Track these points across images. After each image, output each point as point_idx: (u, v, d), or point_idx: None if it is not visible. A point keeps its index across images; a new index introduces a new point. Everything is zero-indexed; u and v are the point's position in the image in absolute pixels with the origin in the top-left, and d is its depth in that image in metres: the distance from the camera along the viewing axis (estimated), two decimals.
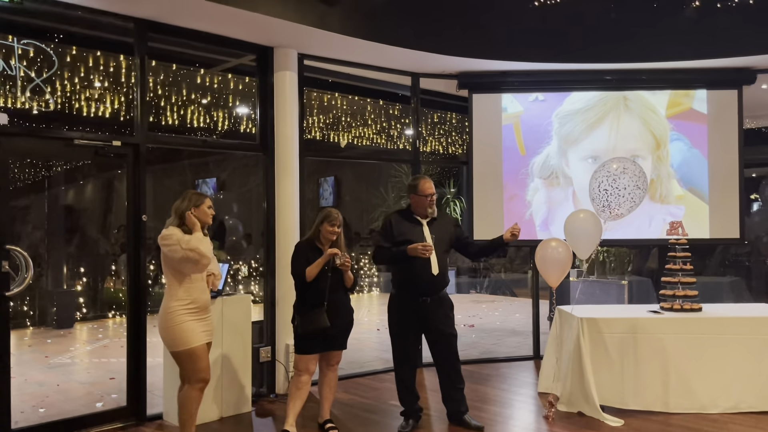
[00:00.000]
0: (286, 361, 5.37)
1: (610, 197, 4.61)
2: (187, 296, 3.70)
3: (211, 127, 8.27)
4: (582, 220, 4.75)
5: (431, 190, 4.29)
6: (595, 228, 4.69)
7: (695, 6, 5.81)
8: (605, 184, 4.61)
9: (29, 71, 4.39)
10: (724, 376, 4.70)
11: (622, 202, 4.57)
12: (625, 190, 4.58)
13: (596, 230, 4.69)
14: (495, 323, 9.26)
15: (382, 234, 4.35)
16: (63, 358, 7.06)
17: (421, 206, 4.30)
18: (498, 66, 6.22)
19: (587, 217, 4.76)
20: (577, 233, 4.75)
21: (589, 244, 4.73)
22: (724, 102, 6.40)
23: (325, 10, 5.07)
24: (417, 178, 4.41)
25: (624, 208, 4.61)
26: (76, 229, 10.41)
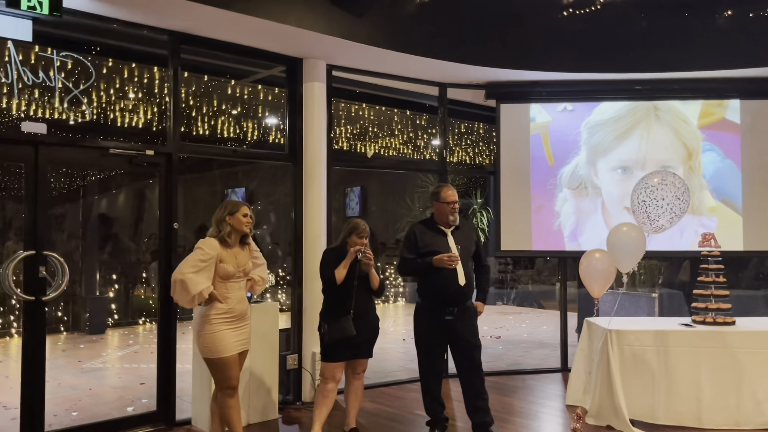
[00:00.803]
0: (313, 369, 5.40)
1: (648, 208, 4.56)
2: (224, 305, 3.73)
3: (241, 137, 8.40)
4: (625, 233, 4.68)
5: (453, 198, 4.27)
6: (639, 241, 4.62)
7: (727, 15, 5.73)
8: (643, 196, 4.56)
9: (67, 82, 4.53)
10: (760, 392, 4.58)
11: (661, 213, 4.51)
12: (663, 200, 4.52)
13: (640, 243, 4.62)
14: (522, 335, 9.17)
15: (406, 245, 4.33)
16: (95, 362, 7.20)
17: (443, 214, 4.28)
18: (526, 76, 6.21)
19: (630, 230, 4.69)
20: (621, 246, 4.67)
21: (633, 257, 4.67)
22: (759, 112, 6.29)
23: (354, 22, 5.13)
24: (440, 186, 4.41)
25: (664, 219, 4.55)
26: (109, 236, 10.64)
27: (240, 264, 3.82)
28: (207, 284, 3.65)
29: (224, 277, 3.74)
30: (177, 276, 3.62)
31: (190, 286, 3.58)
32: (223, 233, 3.77)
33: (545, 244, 6.46)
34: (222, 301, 3.71)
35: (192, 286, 3.59)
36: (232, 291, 3.78)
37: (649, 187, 4.57)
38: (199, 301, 3.66)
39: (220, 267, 3.72)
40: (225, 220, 3.79)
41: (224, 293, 3.74)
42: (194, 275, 3.61)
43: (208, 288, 3.65)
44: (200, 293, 3.61)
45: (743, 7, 5.65)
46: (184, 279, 3.60)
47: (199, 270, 3.63)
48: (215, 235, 3.78)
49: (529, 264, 13.73)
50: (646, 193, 4.57)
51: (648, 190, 4.57)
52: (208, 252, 3.68)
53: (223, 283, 3.75)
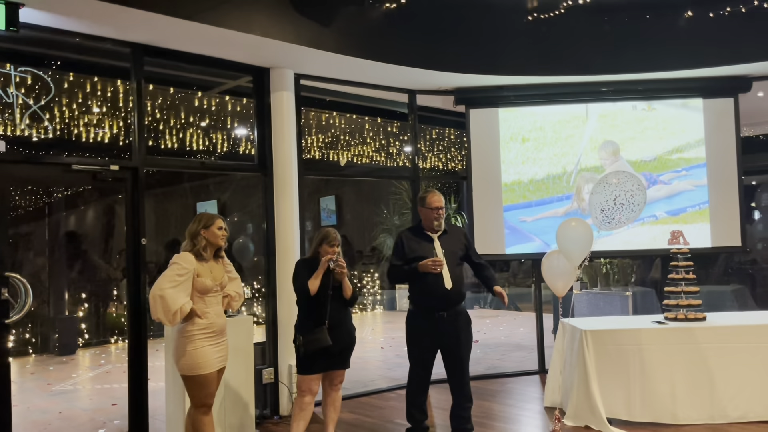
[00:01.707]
0: (290, 382, 5.33)
1: (623, 212, 4.62)
2: (204, 319, 3.66)
3: (210, 149, 8.29)
4: (573, 228, 4.75)
5: (439, 203, 4.28)
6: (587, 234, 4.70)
7: (688, 16, 5.84)
8: (622, 198, 4.63)
9: (27, 98, 4.42)
10: (732, 386, 4.65)
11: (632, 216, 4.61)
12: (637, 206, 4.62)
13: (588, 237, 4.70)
14: (500, 338, 9.20)
15: (394, 252, 4.35)
16: (65, 384, 7.02)
17: (428, 219, 4.30)
18: (493, 81, 6.24)
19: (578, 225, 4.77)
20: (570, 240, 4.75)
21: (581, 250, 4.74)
22: (721, 110, 6.41)
23: (320, 30, 5.11)
24: (426, 191, 4.41)
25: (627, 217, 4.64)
26: (77, 254, 10.40)
27: (216, 278, 3.76)
28: (186, 299, 3.57)
29: (202, 292, 3.67)
30: (156, 292, 3.52)
31: (169, 302, 3.50)
32: (198, 247, 3.70)
33: (519, 247, 6.49)
34: (201, 317, 3.64)
35: (172, 303, 3.50)
36: (211, 306, 3.71)
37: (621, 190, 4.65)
38: (180, 318, 3.57)
39: (198, 281, 3.65)
40: (200, 233, 3.72)
41: (203, 308, 3.67)
42: (173, 291, 3.53)
43: (188, 303, 3.57)
44: (181, 309, 3.53)
45: (703, 8, 5.76)
46: (163, 295, 3.51)
47: (177, 285, 3.55)
48: (190, 249, 3.71)
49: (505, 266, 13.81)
50: (625, 196, 4.64)
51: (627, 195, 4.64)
52: (184, 266, 3.61)
53: (201, 297, 3.68)
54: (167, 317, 3.52)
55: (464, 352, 4.31)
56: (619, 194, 4.60)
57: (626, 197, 4.59)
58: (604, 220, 4.67)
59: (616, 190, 4.60)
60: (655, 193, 6.42)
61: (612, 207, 4.62)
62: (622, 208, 4.61)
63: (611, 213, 4.64)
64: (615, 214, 4.63)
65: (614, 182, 4.64)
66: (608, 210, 4.65)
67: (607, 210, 4.66)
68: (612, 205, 4.62)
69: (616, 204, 4.61)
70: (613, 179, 4.69)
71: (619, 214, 4.62)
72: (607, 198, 4.62)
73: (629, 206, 4.60)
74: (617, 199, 4.60)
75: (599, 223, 4.73)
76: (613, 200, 4.61)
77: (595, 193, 4.69)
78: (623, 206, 4.60)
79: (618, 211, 4.61)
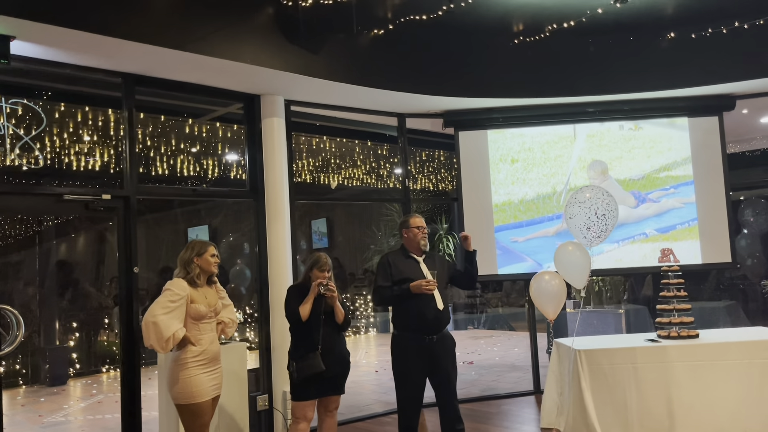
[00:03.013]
0: (284, 409, 5.28)
1: (608, 221, 4.70)
2: (198, 346, 3.64)
3: (201, 175, 8.31)
4: (571, 252, 4.78)
5: (421, 223, 4.32)
6: (585, 258, 4.73)
7: (671, 37, 5.96)
8: (602, 210, 4.69)
9: (18, 129, 4.43)
10: (730, 403, 4.65)
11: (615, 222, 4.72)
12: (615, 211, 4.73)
13: (586, 260, 4.73)
14: (494, 359, 9.17)
15: (380, 273, 4.29)
16: (57, 416, 6.91)
17: (414, 241, 4.29)
18: (481, 103, 6.32)
19: (575, 249, 4.80)
20: (568, 264, 4.77)
21: (582, 273, 4.76)
22: (707, 128, 6.51)
23: (310, 57, 5.17)
24: (407, 216, 4.45)
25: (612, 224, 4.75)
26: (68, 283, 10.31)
27: (210, 303, 3.75)
28: (179, 326, 3.56)
29: (196, 318, 3.66)
30: (149, 318, 3.51)
31: (162, 329, 3.48)
32: (192, 275, 3.71)
33: (511, 267, 6.51)
34: (195, 344, 3.62)
35: (164, 329, 3.49)
36: (205, 332, 3.70)
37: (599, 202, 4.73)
38: (173, 345, 3.55)
39: (192, 307, 3.64)
40: (193, 261, 3.73)
41: (197, 335, 3.66)
42: (165, 317, 3.52)
43: (182, 330, 3.56)
44: (174, 335, 3.51)
45: (685, 29, 5.88)
46: (156, 321, 3.49)
47: (170, 311, 3.54)
48: (183, 276, 3.70)
49: (498, 287, 13.82)
50: (602, 206, 4.71)
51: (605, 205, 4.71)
52: (177, 292, 3.60)
53: (195, 324, 3.67)
54: (160, 344, 3.50)
55: (453, 374, 4.29)
56: (598, 207, 4.68)
57: (604, 207, 4.68)
58: (594, 236, 4.72)
59: (593, 205, 4.68)
60: (644, 211, 6.49)
61: (597, 222, 4.69)
62: (605, 219, 4.68)
63: (598, 227, 4.70)
64: (601, 226, 4.69)
65: (587, 197, 4.72)
66: (594, 226, 4.70)
67: (593, 226, 4.71)
68: (596, 220, 4.68)
69: (599, 217, 4.68)
70: (586, 195, 4.76)
71: (605, 225, 4.69)
72: (588, 216, 4.69)
73: (610, 214, 4.68)
74: (597, 212, 4.68)
75: (590, 242, 4.77)
76: (594, 215, 4.68)
77: (574, 216, 4.75)
78: (605, 216, 4.68)
79: (603, 222, 4.68)
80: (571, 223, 4.80)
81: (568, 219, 4.84)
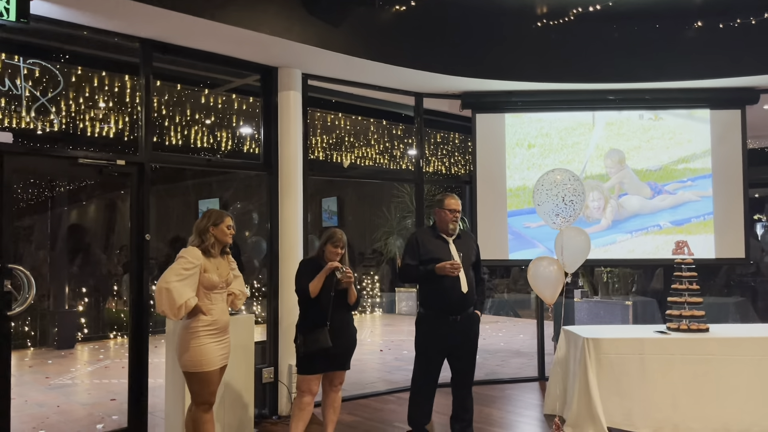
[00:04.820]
0: (289, 382, 5.31)
1: (576, 206, 4.72)
2: (208, 316, 3.65)
3: (215, 147, 8.29)
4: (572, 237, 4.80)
5: (456, 206, 4.26)
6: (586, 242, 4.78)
7: (697, 26, 5.84)
8: (570, 196, 4.72)
9: (35, 91, 4.42)
10: (735, 399, 4.62)
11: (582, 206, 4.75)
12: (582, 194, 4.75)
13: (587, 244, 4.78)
14: (499, 344, 9.17)
15: (408, 251, 4.29)
16: (64, 378, 7.00)
17: (444, 222, 4.27)
18: (501, 86, 6.24)
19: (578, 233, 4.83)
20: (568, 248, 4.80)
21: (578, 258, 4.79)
22: (728, 121, 6.40)
23: (330, 31, 5.11)
24: (444, 194, 4.37)
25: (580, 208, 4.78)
26: (78, 249, 10.39)
27: (222, 274, 3.76)
28: (192, 294, 3.56)
29: (209, 288, 3.66)
30: (162, 285, 3.51)
31: (175, 296, 3.48)
32: (207, 243, 3.70)
33: (522, 253, 6.47)
34: (206, 313, 3.63)
35: (177, 296, 3.49)
36: (216, 302, 3.71)
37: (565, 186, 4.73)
38: (184, 313, 3.55)
39: (205, 277, 3.64)
40: (209, 230, 3.72)
41: (208, 305, 3.66)
42: (179, 284, 3.52)
43: (193, 299, 3.56)
44: (186, 303, 3.51)
45: (712, 19, 5.76)
46: (169, 288, 3.49)
47: (183, 278, 3.54)
48: (198, 244, 3.70)
49: (505, 273, 13.79)
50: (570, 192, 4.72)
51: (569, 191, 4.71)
52: (191, 261, 3.60)
53: (207, 294, 3.67)
54: (172, 311, 3.51)
55: (473, 356, 4.30)
56: (566, 194, 4.69)
57: (571, 194, 4.69)
58: (563, 221, 4.75)
59: (560, 192, 4.70)
60: (659, 202, 6.42)
61: (565, 208, 4.72)
62: (573, 205, 4.69)
63: (567, 213, 4.72)
64: (569, 211, 4.72)
65: (558, 179, 4.72)
66: (563, 212, 4.73)
67: (562, 212, 4.73)
68: (564, 206, 4.71)
69: (567, 203, 4.70)
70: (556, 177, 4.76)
71: (573, 210, 4.71)
72: (556, 203, 4.71)
73: (577, 199, 4.71)
74: (565, 198, 4.69)
75: (559, 226, 4.80)
76: (562, 201, 4.70)
77: (543, 203, 4.77)
78: (573, 202, 4.69)
79: (571, 208, 4.70)
80: (540, 209, 4.82)
81: (537, 206, 4.86)
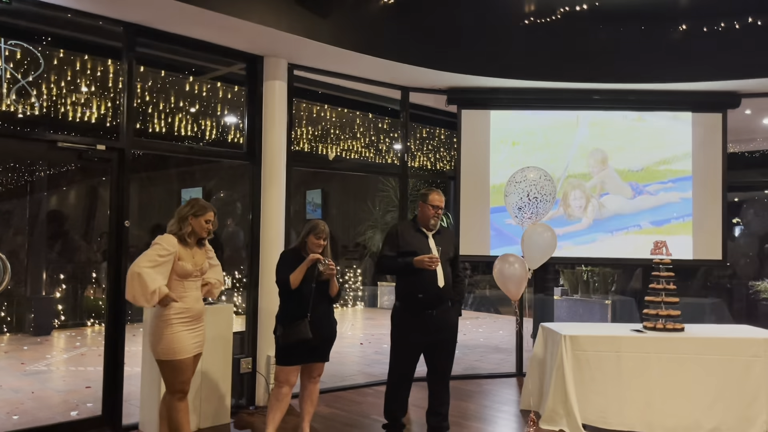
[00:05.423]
0: (267, 373, 5.30)
1: (539, 204, 4.79)
2: (181, 304, 3.62)
3: (199, 135, 8.21)
4: (539, 233, 4.86)
5: (439, 203, 4.27)
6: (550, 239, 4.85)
7: (682, 29, 5.89)
8: (534, 192, 4.79)
9: (15, 72, 4.34)
10: (707, 397, 4.70)
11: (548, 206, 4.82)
12: (550, 195, 4.82)
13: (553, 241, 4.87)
14: (479, 340, 9.23)
15: (387, 242, 4.30)
16: (39, 365, 6.92)
17: (426, 217, 4.28)
18: (487, 82, 6.26)
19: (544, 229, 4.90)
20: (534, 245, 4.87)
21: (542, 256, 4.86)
22: (709, 125, 6.48)
23: (317, 21, 5.08)
24: (430, 189, 4.37)
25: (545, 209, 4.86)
26: (57, 235, 10.26)
27: (197, 263, 3.73)
28: (163, 282, 3.53)
29: (182, 276, 3.64)
30: (134, 269, 3.47)
31: (147, 281, 3.44)
32: (184, 231, 3.68)
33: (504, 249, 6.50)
34: (177, 300, 3.60)
35: (150, 281, 3.45)
36: (189, 290, 3.69)
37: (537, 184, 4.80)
38: (157, 299, 3.51)
39: (179, 265, 3.62)
40: (188, 219, 3.70)
41: (181, 292, 3.64)
42: (152, 270, 3.49)
43: (164, 288, 3.52)
44: (158, 290, 3.48)
45: (697, 22, 5.82)
46: (141, 273, 3.45)
47: (157, 265, 3.51)
48: (176, 231, 3.67)
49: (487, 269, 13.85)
50: (536, 190, 4.80)
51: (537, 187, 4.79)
52: (166, 248, 3.57)
53: (180, 281, 3.64)
54: (145, 296, 3.46)
55: (450, 350, 4.31)
56: (530, 190, 4.76)
57: (536, 191, 4.77)
58: (526, 217, 4.82)
59: (527, 187, 4.78)
60: (640, 203, 6.48)
61: (528, 204, 4.79)
62: (537, 202, 4.76)
63: (530, 209, 4.80)
64: (533, 209, 4.79)
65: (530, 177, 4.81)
66: (526, 207, 4.80)
67: (525, 207, 4.80)
68: (527, 202, 4.78)
69: (530, 199, 4.77)
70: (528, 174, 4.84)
71: (536, 208, 4.78)
72: (521, 196, 4.79)
73: (542, 198, 4.78)
74: (529, 194, 4.77)
75: (522, 221, 4.87)
76: (527, 196, 4.77)
77: (509, 194, 4.88)
78: (537, 200, 4.77)
79: (534, 205, 4.77)
80: (506, 200, 4.91)
81: (504, 196, 4.94)
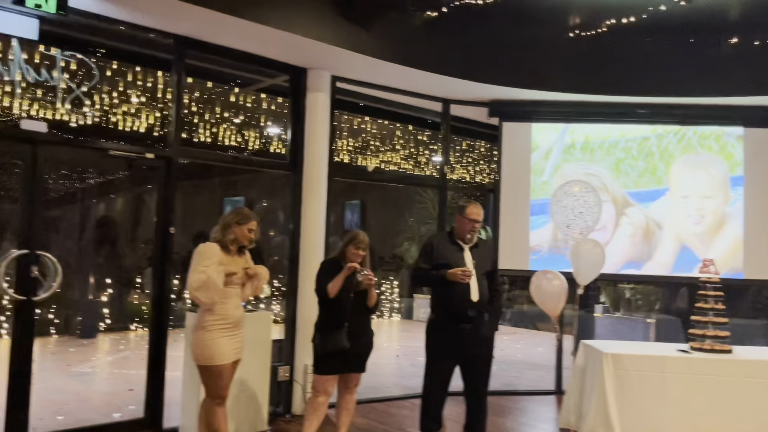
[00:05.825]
0: (304, 382, 5.32)
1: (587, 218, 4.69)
2: (221, 311, 3.69)
3: (242, 145, 8.37)
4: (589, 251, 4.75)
5: (477, 216, 4.17)
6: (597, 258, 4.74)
7: (732, 43, 5.74)
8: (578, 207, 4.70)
9: (70, 83, 4.51)
10: (755, 422, 4.52)
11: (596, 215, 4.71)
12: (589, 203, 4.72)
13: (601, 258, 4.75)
14: (517, 356, 9.09)
15: (422, 254, 4.26)
16: (84, 367, 7.12)
17: (462, 230, 4.21)
18: (529, 95, 6.21)
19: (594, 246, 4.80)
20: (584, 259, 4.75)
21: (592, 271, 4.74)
22: (762, 140, 6.29)
23: (360, 34, 5.14)
24: (468, 201, 4.31)
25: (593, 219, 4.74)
26: (105, 240, 10.57)
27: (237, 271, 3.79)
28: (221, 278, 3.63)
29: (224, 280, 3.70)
30: (200, 277, 3.55)
31: (216, 279, 3.55)
32: (227, 239, 3.75)
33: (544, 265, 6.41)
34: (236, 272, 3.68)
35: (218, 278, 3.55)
36: (229, 297, 3.74)
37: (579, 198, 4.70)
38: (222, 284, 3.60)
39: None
40: (232, 226, 3.77)
41: (222, 299, 3.70)
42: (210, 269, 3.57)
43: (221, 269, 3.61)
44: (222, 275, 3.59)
45: (748, 36, 5.66)
46: (208, 274, 3.54)
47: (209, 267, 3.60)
48: (220, 238, 3.75)
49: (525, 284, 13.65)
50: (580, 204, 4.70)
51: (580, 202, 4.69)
52: (209, 256, 3.65)
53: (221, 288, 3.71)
54: (218, 293, 3.58)
55: (485, 365, 4.24)
56: (575, 205, 4.65)
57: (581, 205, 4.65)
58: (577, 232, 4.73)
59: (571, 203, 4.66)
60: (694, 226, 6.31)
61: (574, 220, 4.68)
62: (583, 216, 4.66)
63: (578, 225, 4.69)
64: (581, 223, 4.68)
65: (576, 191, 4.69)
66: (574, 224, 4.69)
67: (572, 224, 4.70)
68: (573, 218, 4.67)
69: (576, 215, 4.66)
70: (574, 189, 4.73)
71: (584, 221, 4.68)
72: (567, 214, 4.68)
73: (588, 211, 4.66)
74: (574, 210, 4.65)
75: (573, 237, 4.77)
76: (572, 212, 4.66)
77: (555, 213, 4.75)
78: (583, 214, 4.65)
79: (582, 219, 4.67)
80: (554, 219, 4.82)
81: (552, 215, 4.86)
